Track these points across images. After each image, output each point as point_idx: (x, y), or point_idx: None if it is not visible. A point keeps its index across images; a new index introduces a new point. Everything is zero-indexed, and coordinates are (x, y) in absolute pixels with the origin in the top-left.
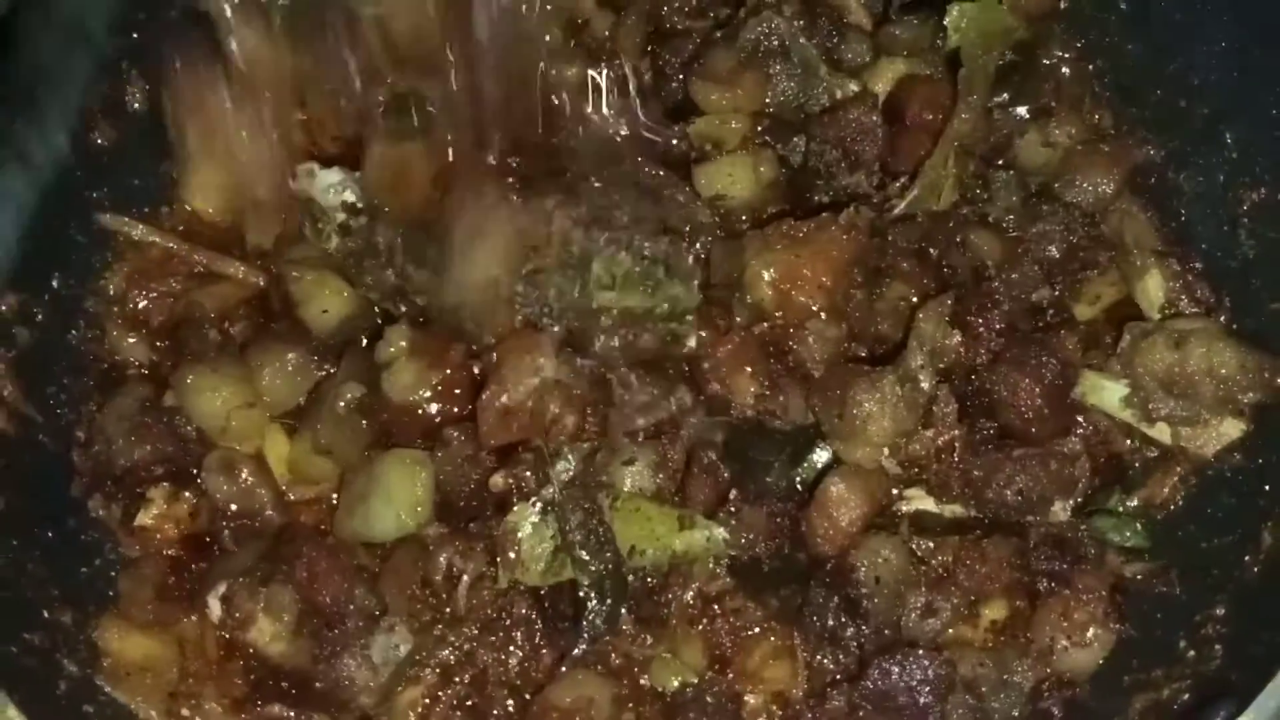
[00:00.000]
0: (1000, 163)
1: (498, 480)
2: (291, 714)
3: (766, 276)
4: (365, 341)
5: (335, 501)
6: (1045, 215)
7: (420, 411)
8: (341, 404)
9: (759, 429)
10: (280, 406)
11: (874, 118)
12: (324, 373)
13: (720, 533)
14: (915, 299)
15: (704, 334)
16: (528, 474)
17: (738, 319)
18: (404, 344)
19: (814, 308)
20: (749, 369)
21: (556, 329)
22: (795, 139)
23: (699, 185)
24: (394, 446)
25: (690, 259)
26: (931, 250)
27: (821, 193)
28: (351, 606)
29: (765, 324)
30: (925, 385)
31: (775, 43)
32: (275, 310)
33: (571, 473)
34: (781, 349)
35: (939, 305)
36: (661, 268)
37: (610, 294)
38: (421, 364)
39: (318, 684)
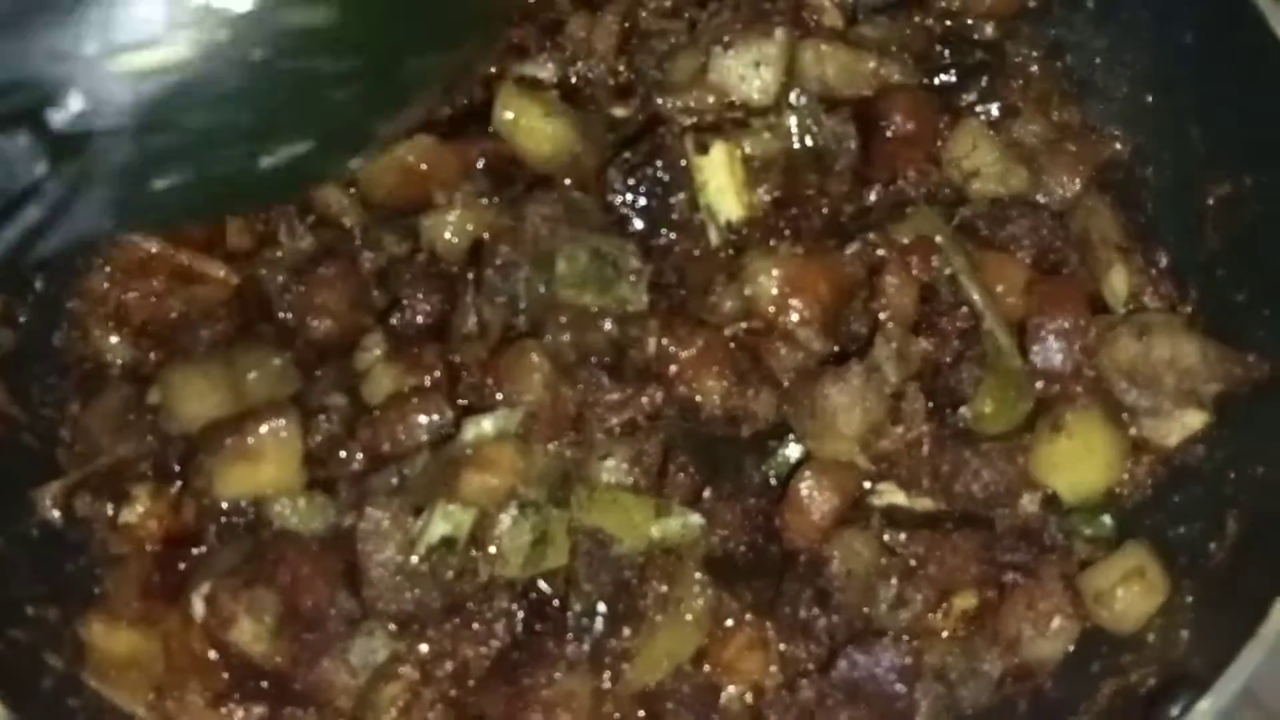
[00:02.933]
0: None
1: None
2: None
3: (774, 273)
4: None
5: None
6: (1013, 217)
7: None
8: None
9: (729, 428)
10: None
11: (848, 128)
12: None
13: (695, 519)
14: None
15: (665, 340)
16: None
17: (725, 310)
18: (379, 351)
19: (808, 316)
20: (715, 370)
21: (521, 320)
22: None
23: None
24: None
25: (636, 261)
26: None
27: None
28: (333, 611)
29: (743, 324)
30: (892, 376)
31: None
32: (252, 311)
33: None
34: (754, 354)
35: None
36: (610, 267)
37: (571, 291)
38: (399, 368)
39: (297, 685)
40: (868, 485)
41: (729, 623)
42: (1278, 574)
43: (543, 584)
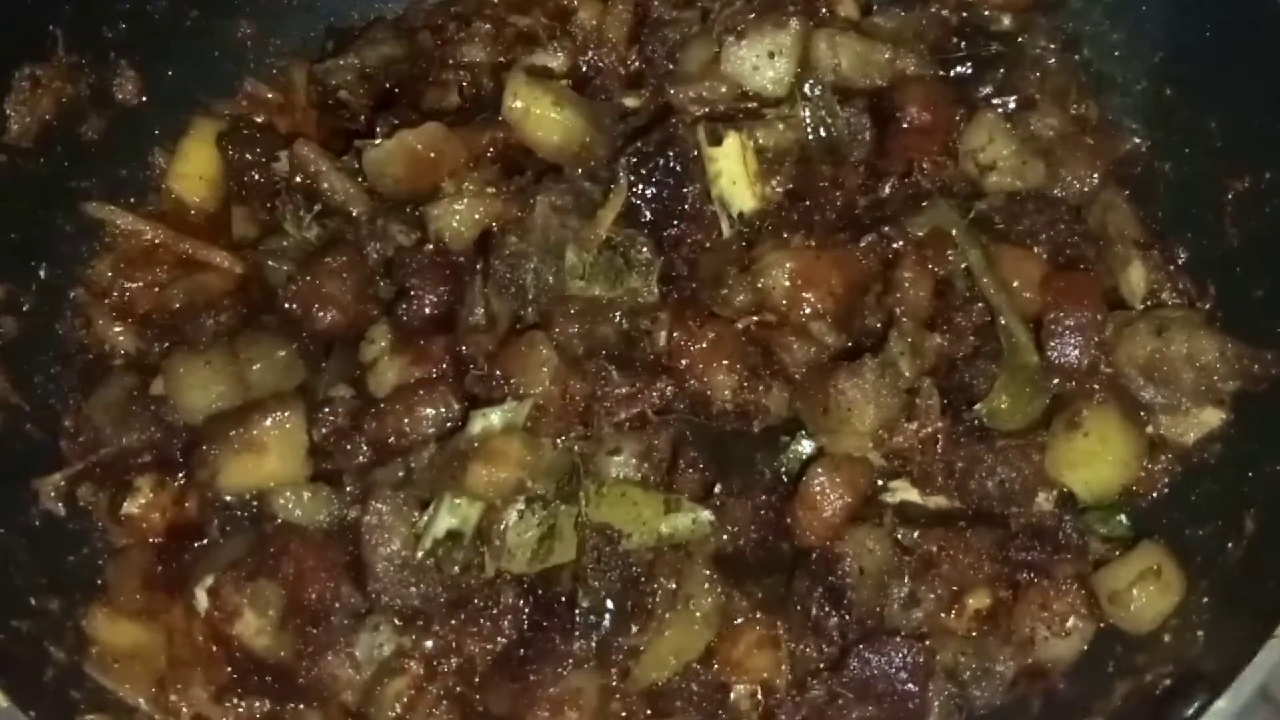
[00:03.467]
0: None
1: None
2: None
3: (786, 266)
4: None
5: None
6: (1030, 211)
7: None
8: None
9: (740, 423)
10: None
11: (863, 119)
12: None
13: (706, 515)
14: None
15: (676, 334)
16: None
17: (738, 302)
18: (385, 343)
19: (820, 309)
20: (726, 363)
21: (529, 312)
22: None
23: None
24: None
25: (647, 252)
26: None
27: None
28: (337, 604)
29: (755, 317)
30: (906, 371)
31: None
32: (257, 300)
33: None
34: (766, 348)
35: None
36: (620, 258)
37: (581, 283)
38: (404, 360)
39: (300, 679)
40: (880, 482)
41: (738, 621)
42: None
43: (549, 580)
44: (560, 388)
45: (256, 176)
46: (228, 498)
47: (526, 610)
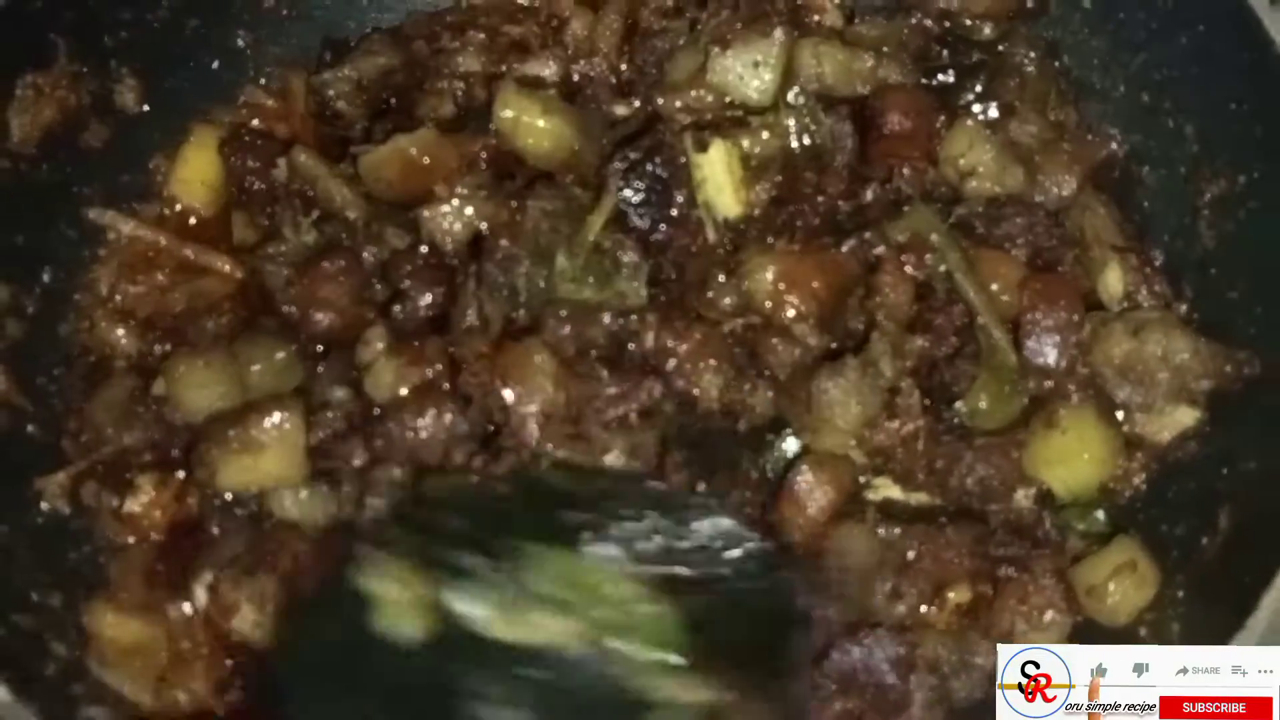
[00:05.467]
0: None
1: None
2: None
3: (770, 270)
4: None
5: None
6: (1009, 215)
7: None
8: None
9: (727, 422)
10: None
11: (846, 126)
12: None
13: None
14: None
15: (664, 335)
16: None
17: (723, 305)
18: (382, 345)
19: (804, 311)
20: (712, 364)
21: (521, 314)
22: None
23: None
24: None
25: (635, 256)
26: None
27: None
28: None
29: (741, 320)
30: (887, 371)
31: None
32: (256, 304)
33: None
34: (752, 350)
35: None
36: (609, 262)
37: (571, 286)
38: (400, 362)
39: None
40: (863, 479)
41: None
42: (1266, 568)
43: None
44: (564, 393)
45: (256, 182)
46: (228, 496)
47: None
